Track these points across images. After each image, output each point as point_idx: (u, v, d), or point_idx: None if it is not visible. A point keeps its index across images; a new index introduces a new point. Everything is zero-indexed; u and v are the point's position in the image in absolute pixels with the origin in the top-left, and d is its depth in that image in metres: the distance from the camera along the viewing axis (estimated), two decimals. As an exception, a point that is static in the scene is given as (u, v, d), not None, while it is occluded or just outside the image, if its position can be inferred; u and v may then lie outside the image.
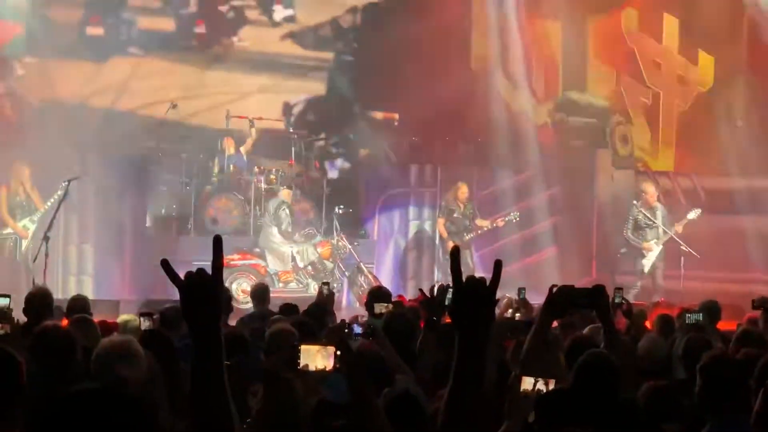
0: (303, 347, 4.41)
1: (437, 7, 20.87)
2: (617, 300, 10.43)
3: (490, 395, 5.64)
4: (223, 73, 20.97)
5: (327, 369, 4.38)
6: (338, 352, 4.36)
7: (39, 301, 8.89)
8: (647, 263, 19.22)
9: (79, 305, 9.44)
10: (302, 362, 4.37)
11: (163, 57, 20.60)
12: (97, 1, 20.49)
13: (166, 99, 19.17)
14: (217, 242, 3.06)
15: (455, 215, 19.26)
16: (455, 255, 3.23)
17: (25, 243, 17.25)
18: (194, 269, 3.09)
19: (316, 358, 4.39)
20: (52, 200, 16.81)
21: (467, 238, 19.04)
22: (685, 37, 22.34)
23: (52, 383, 5.58)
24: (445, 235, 19.21)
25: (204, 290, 3.03)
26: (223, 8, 21.40)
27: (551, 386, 4.97)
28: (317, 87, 21.57)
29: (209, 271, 3.07)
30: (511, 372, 5.53)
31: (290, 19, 21.58)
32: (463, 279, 3.17)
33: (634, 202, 19.53)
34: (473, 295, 3.16)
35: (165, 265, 3.10)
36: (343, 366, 4.36)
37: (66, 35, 19.80)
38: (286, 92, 21.25)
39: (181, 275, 3.08)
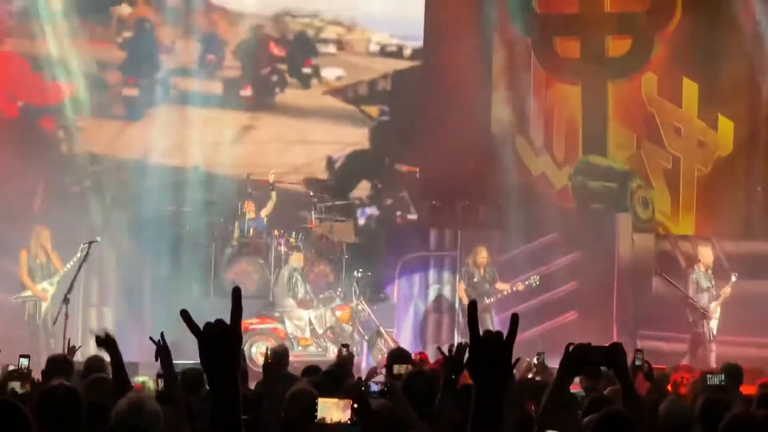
0: (320, 400, 4.41)
1: (458, 71, 20.99)
2: (637, 363, 10.35)
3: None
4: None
5: (343, 421, 4.38)
6: (355, 405, 4.35)
7: (60, 365, 8.90)
8: (714, 326, 19.03)
9: (95, 365, 9.43)
10: (319, 415, 4.37)
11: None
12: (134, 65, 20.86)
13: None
14: (236, 293, 3.08)
15: (475, 279, 19.23)
16: (472, 308, 3.24)
17: (44, 305, 17.29)
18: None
19: (333, 411, 4.39)
20: (72, 262, 16.87)
21: (487, 302, 18.98)
22: (705, 101, 22.35)
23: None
24: (465, 300, 19.15)
25: (223, 340, 3.04)
26: (265, 71, 21.82)
27: None
28: (358, 139, 21.84)
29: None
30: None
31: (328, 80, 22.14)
32: (481, 333, 3.18)
33: (695, 266, 19.39)
34: (490, 348, 3.16)
35: (185, 315, 3.12)
36: (360, 418, 4.35)
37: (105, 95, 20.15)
38: (329, 143, 21.55)
39: None
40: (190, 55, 21.75)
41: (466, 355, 4.94)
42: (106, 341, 7.39)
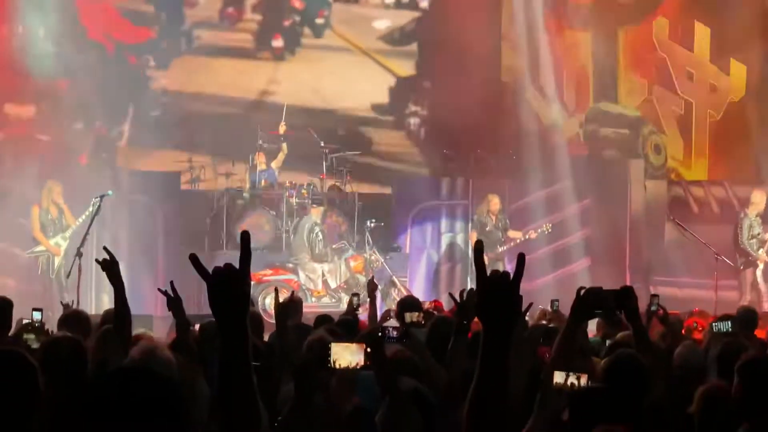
0: (333, 345, 4.42)
1: (467, 20, 20.87)
2: (653, 308, 10.34)
3: (521, 398, 5.62)
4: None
5: (357, 366, 4.38)
6: (368, 350, 4.34)
7: (74, 321, 8.88)
8: (760, 273, 19.03)
9: (110, 318, 9.36)
10: (332, 359, 4.37)
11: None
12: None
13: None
14: (245, 238, 3.05)
15: (487, 228, 19.16)
16: (479, 249, 3.23)
17: (57, 260, 17.31)
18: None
19: (346, 355, 4.39)
20: (83, 216, 16.88)
21: (500, 250, 18.96)
22: (717, 45, 22.22)
23: (60, 394, 5.54)
24: None
25: (231, 283, 3.02)
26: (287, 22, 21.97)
27: (583, 381, 4.95)
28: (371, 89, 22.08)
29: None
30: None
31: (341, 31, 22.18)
32: (488, 273, 3.17)
33: (746, 210, 19.32)
34: (497, 288, 3.15)
35: (194, 259, 3.10)
36: (373, 363, 4.35)
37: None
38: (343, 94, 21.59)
39: None
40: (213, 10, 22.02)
41: (477, 299, 4.88)
42: (105, 263, 7.29)
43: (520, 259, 3.25)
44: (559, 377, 4.94)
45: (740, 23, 21.51)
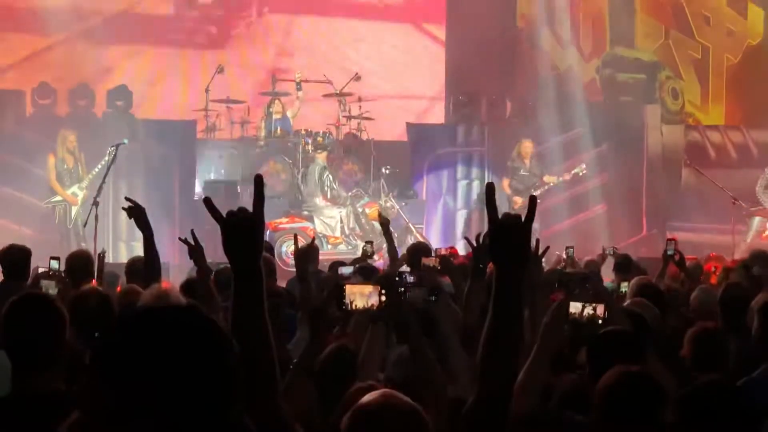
0: (348, 287, 4.43)
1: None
2: (670, 252, 10.37)
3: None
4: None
5: (372, 307, 4.39)
6: (383, 292, 4.35)
7: (79, 264, 8.90)
8: None
9: (137, 267, 9.22)
10: (348, 301, 4.39)
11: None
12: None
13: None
14: (258, 182, 3.05)
15: (522, 172, 18.95)
16: (490, 190, 3.23)
17: (74, 210, 17.35)
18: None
19: (361, 297, 4.40)
20: (99, 166, 16.88)
21: (536, 193, 18.78)
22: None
23: (88, 346, 5.56)
24: (508, 191, 18.85)
25: (245, 224, 3.02)
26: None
27: (600, 311, 4.95)
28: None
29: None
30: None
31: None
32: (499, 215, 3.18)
33: None
34: (509, 229, 3.17)
35: (207, 202, 3.10)
36: (387, 306, 4.36)
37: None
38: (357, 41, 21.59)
39: None
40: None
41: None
42: (132, 211, 7.31)
43: (532, 202, 3.27)
44: (574, 308, 4.95)
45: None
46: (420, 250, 9.46)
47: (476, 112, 20.83)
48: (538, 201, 3.68)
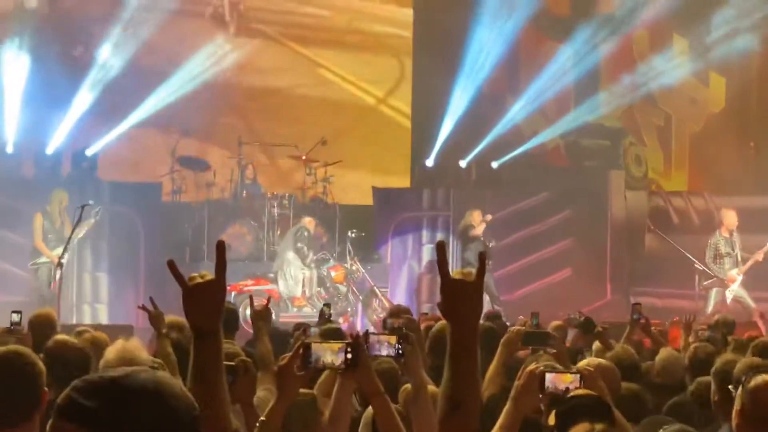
0: (314, 345, 4.48)
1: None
2: (635, 317, 10.45)
3: (497, 397, 5.65)
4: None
5: (336, 365, 4.44)
6: (349, 350, 4.40)
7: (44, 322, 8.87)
8: (730, 294, 18.59)
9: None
10: (313, 359, 4.44)
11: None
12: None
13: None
14: (220, 247, 3.12)
15: (473, 243, 18.94)
16: (441, 248, 3.30)
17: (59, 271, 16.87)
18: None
19: (326, 354, 4.45)
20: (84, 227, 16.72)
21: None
22: (697, 58, 22.37)
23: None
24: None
25: (206, 290, 3.09)
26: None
27: (575, 384, 4.99)
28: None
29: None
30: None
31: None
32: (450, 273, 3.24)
33: (716, 231, 18.91)
34: (461, 286, 3.22)
35: (171, 266, 3.15)
36: (353, 363, 4.41)
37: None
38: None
39: None
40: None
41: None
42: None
43: (482, 258, 3.31)
44: (549, 381, 5.00)
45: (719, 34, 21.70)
46: (394, 313, 9.48)
47: (441, 177, 21.00)
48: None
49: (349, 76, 22.42)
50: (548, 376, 5.04)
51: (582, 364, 6.06)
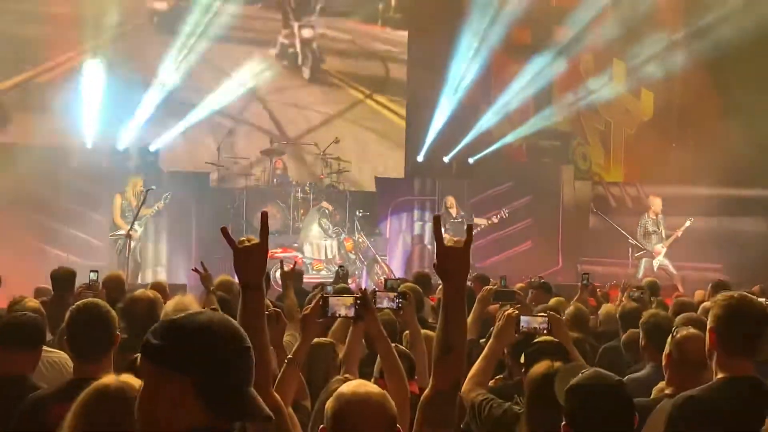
0: (331, 299, 4.48)
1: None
2: (584, 282, 10.50)
3: (472, 343, 5.65)
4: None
5: (349, 315, 4.45)
6: (358, 302, 4.40)
7: (63, 277, 8.82)
8: (656, 263, 18.82)
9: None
10: (330, 311, 4.44)
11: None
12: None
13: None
14: (264, 216, 3.13)
15: (451, 221, 18.96)
16: (437, 221, 3.31)
17: (133, 243, 16.79)
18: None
19: (340, 307, 4.45)
20: (155, 207, 16.83)
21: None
22: (630, 77, 22.35)
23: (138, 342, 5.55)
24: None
25: (252, 250, 3.10)
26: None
27: (544, 324, 5.00)
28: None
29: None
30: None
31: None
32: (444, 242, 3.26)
33: (645, 213, 19.16)
34: (452, 252, 3.22)
35: (224, 232, 3.17)
36: (361, 313, 4.41)
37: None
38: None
39: None
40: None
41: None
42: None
43: (469, 229, 3.33)
44: (524, 322, 5.03)
45: (648, 57, 21.67)
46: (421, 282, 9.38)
47: (429, 169, 21.03)
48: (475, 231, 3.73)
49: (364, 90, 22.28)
50: (523, 318, 5.07)
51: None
